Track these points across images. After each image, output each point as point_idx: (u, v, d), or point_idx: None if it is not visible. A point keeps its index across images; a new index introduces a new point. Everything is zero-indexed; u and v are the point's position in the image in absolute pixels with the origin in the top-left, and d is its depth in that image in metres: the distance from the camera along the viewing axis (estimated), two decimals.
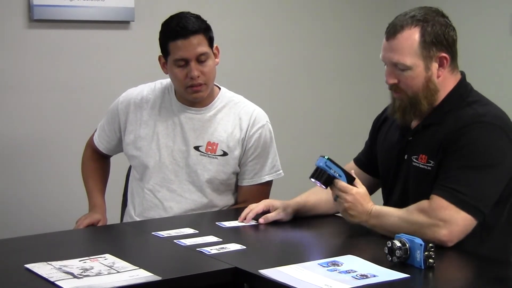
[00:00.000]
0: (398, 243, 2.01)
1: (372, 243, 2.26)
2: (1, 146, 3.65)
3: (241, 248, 2.21)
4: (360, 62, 4.61)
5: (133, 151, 2.83)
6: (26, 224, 3.60)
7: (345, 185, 2.33)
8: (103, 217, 2.84)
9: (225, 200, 2.84)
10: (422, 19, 2.29)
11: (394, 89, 2.35)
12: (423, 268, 1.98)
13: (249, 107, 2.85)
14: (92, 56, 3.82)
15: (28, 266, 2.01)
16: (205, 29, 2.71)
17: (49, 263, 2.03)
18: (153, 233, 2.39)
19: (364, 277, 1.92)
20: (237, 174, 2.83)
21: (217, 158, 2.77)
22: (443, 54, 2.30)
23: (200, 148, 2.77)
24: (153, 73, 3.07)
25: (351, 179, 2.35)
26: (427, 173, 2.30)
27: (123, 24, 3.88)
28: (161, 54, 2.76)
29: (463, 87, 2.36)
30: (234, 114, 2.82)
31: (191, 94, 2.74)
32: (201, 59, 2.69)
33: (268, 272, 1.97)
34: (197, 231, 2.39)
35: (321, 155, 2.39)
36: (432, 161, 2.29)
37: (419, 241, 1.99)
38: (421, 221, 2.19)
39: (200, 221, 2.62)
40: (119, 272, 1.97)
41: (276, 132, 2.90)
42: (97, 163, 3.00)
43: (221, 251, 2.17)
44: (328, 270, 1.98)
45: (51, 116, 3.74)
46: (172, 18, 2.74)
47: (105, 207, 2.92)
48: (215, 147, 2.77)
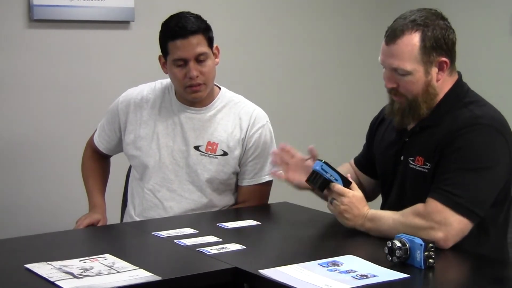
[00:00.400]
0: (398, 243, 2.01)
1: (372, 243, 2.26)
2: (1, 146, 3.64)
3: (241, 248, 2.21)
4: (360, 62, 4.61)
5: (133, 151, 2.83)
6: (26, 224, 3.59)
7: (342, 188, 2.33)
8: (103, 217, 2.84)
9: (225, 200, 2.84)
10: (422, 24, 2.25)
11: (393, 93, 2.34)
12: (423, 268, 1.98)
13: (249, 107, 2.85)
14: (92, 56, 3.82)
15: (28, 266, 2.01)
16: (204, 29, 2.71)
17: (49, 263, 2.03)
18: (153, 233, 2.38)
19: (364, 277, 1.92)
20: (237, 174, 2.83)
21: (217, 158, 2.77)
22: (443, 58, 2.28)
23: (200, 148, 2.77)
24: (153, 73, 3.07)
25: (347, 183, 2.35)
26: (424, 175, 2.29)
27: (123, 24, 3.87)
28: (161, 54, 2.76)
29: (459, 87, 2.35)
30: (234, 114, 2.82)
31: (190, 94, 2.74)
32: (200, 59, 2.69)
33: (268, 272, 1.97)
34: (197, 231, 2.38)
35: (318, 159, 2.40)
36: (428, 163, 2.28)
37: (419, 241, 1.99)
38: (417, 224, 2.18)
39: (200, 221, 2.62)
40: (119, 272, 1.97)
41: (276, 132, 2.89)
42: (97, 163, 3.00)
43: (221, 251, 2.17)
44: (328, 270, 1.98)
45: (51, 116, 3.74)
46: (171, 18, 2.74)
47: (105, 207, 2.92)
48: (215, 147, 2.77)
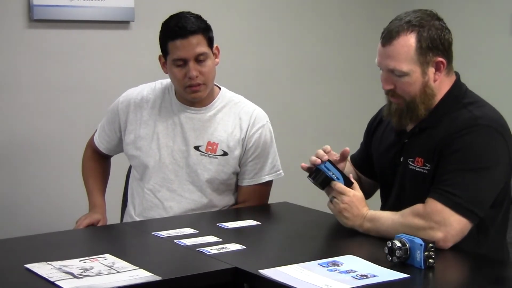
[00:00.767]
0: (398, 243, 2.01)
1: (372, 243, 2.26)
2: (1, 146, 3.64)
3: (241, 248, 2.20)
4: (360, 62, 4.60)
5: (133, 151, 2.83)
6: (26, 224, 3.59)
7: (343, 187, 2.33)
8: (103, 217, 2.84)
9: (225, 200, 2.84)
10: (417, 24, 2.25)
11: (391, 94, 2.33)
12: (423, 268, 1.98)
13: (249, 107, 2.84)
14: (92, 56, 3.81)
15: (28, 266, 2.01)
16: (204, 29, 2.71)
17: (49, 263, 2.03)
18: (153, 233, 2.38)
19: (364, 277, 1.92)
20: (237, 174, 2.83)
21: (217, 158, 2.77)
22: (440, 58, 2.28)
23: (200, 148, 2.77)
24: (153, 73, 3.07)
25: (349, 183, 2.35)
26: (424, 176, 2.29)
27: (123, 24, 3.87)
28: (161, 54, 2.76)
29: (457, 88, 2.34)
30: (234, 114, 2.82)
31: (190, 94, 2.74)
32: (200, 59, 2.69)
33: (268, 272, 1.97)
34: (197, 231, 2.38)
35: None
36: (428, 164, 2.28)
37: (419, 241, 1.99)
38: (416, 225, 2.18)
39: (200, 221, 2.62)
40: (119, 272, 1.97)
41: (276, 132, 2.89)
42: (98, 163, 3.00)
43: (221, 251, 2.17)
44: (328, 270, 1.97)
45: (51, 116, 3.74)
46: (171, 18, 2.73)
47: (105, 207, 2.92)
48: (215, 147, 2.77)
